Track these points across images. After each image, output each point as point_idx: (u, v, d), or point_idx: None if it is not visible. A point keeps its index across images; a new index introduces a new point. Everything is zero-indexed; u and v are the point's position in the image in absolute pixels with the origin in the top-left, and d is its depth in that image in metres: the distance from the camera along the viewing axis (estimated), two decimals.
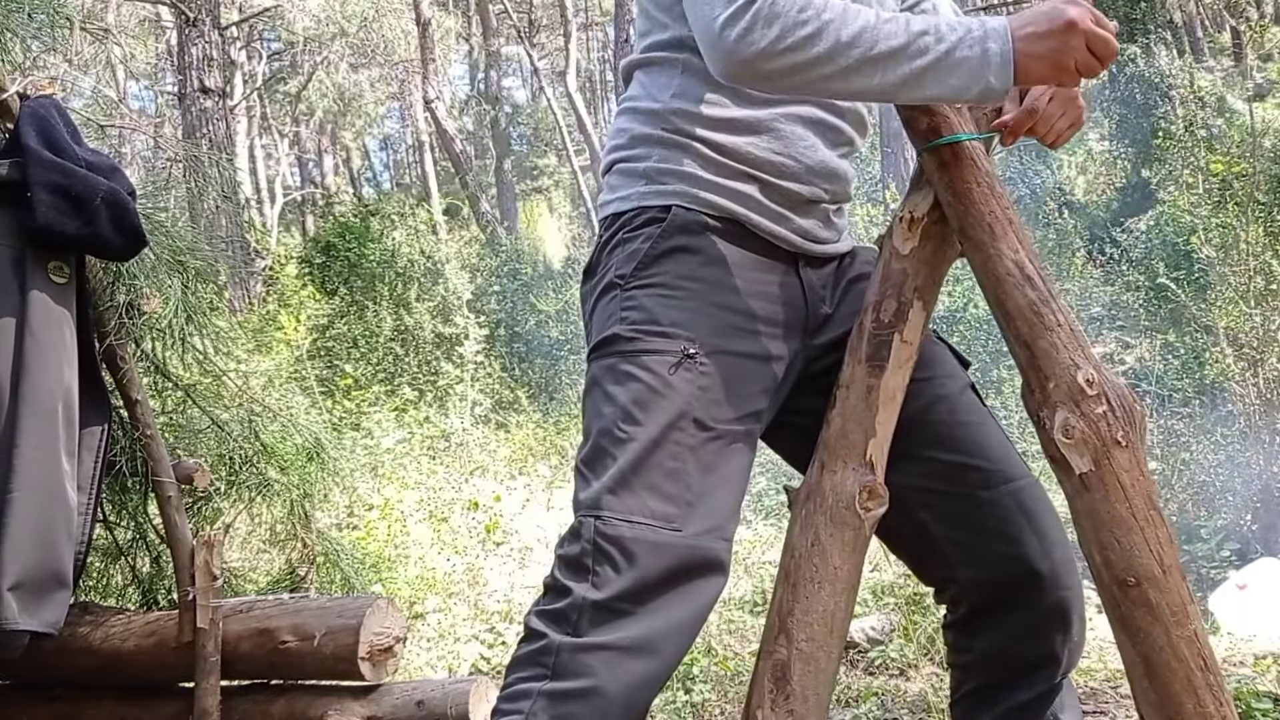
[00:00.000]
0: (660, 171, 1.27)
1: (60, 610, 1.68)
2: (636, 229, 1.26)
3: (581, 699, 1.08)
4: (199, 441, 2.23)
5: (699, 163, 1.26)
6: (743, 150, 1.26)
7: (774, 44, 1.11)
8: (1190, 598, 1.05)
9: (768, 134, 1.27)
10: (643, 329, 1.19)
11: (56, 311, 1.70)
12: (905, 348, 1.24)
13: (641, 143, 1.31)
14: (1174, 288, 5.14)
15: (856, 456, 1.22)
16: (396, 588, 3.42)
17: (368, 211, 9.77)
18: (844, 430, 1.24)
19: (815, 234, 1.31)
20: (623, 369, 1.19)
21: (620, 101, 1.40)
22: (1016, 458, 1.30)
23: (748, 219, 1.26)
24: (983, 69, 1.09)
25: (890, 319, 1.24)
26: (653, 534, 1.12)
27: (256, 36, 18.19)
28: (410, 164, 29.53)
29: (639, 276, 1.22)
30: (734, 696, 2.63)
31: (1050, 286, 1.14)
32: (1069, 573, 1.25)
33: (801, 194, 1.29)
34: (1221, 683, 1.04)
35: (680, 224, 1.24)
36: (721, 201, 1.25)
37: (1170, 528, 1.07)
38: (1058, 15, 1.09)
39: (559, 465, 5.83)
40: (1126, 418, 1.07)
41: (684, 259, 1.23)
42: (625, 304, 1.22)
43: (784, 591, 1.21)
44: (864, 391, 1.23)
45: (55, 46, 2.08)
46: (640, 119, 1.32)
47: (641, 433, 1.15)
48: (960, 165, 1.19)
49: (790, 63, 1.11)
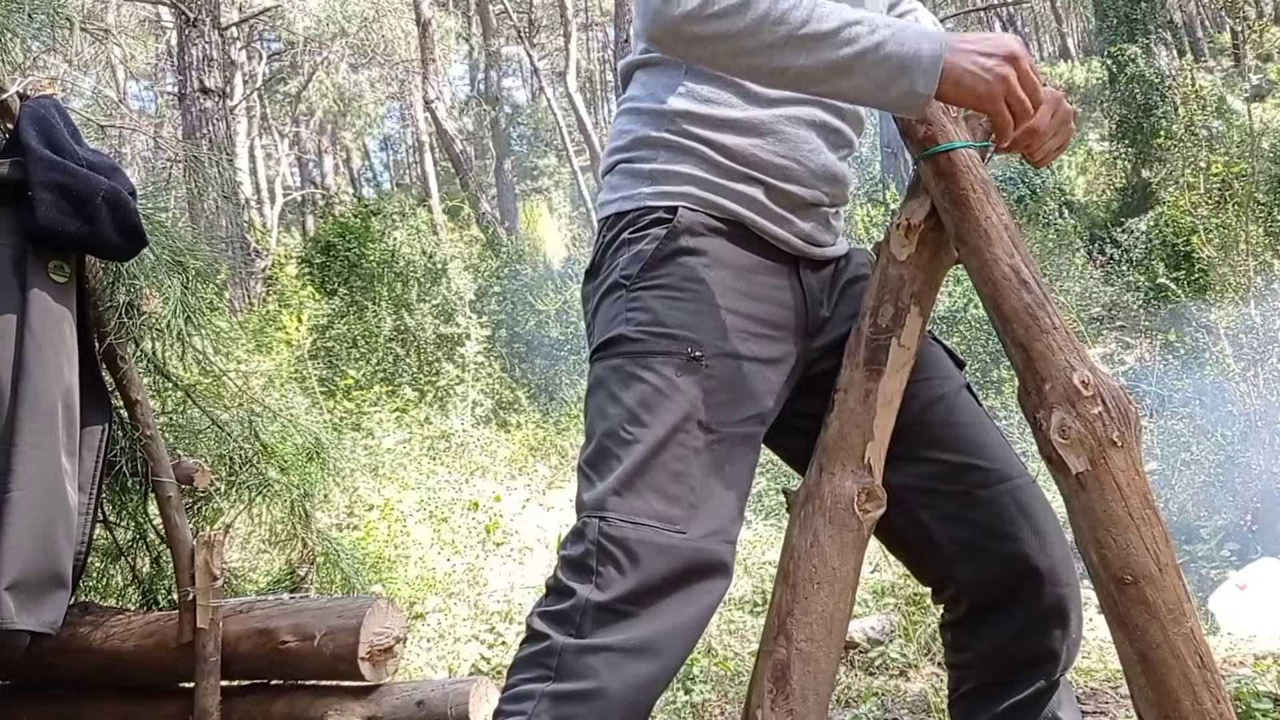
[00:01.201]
0: (665, 173, 1.27)
1: (59, 610, 1.68)
2: (642, 230, 1.26)
3: (584, 700, 1.08)
4: (199, 441, 2.24)
5: (703, 165, 1.26)
6: (747, 153, 1.26)
7: (700, 8, 1.10)
8: (1186, 596, 1.06)
9: (772, 136, 1.27)
10: (649, 331, 1.19)
11: (57, 311, 1.70)
12: (902, 352, 1.25)
13: (645, 144, 1.30)
14: (1174, 288, 5.15)
15: (855, 459, 1.23)
16: (396, 588, 3.42)
17: (368, 212, 9.77)
18: (842, 433, 1.25)
19: (815, 237, 1.32)
20: (629, 370, 1.19)
21: (621, 102, 1.40)
22: (1014, 457, 1.31)
23: (752, 221, 1.26)
24: (910, 68, 1.08)
25: (888, 324, 1.25)
26: (657, 536, 1.12)
27: (256, 36, 18.20)
28: (410, 164, 29.56)
29: (645, 278, 1.22)
30: (734, 696, 2.63)
31: (1045, 290, 1.15)
32: (1067, 570, 1.26)
33: (804, 197, 1.29)
34: (1218, 680, 1.05)
35: (685, 225, 1.24)
36: (726, 203, 1.25)
37: (1166, 526, 1.08)
38: (1001, 43, 1.10)
39: (559, 465, 5.82)
40: (1122, 418, 1.08)
41: (689, 261, 1.23)
42: (631, 305, 1.22)
43: (783, 592, 1.22)
44: (862, 395, 1.24)
45: (55, 46, 2.08)
46: (643, 120, 1.32)
47: (647, 434, 1.15)
48: (956, 172, 1.20)
49: (714, 30, 1.10)
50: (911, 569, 1.40)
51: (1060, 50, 23.95)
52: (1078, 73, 19.51)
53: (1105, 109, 10.37)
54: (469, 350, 6.74)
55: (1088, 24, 19.32)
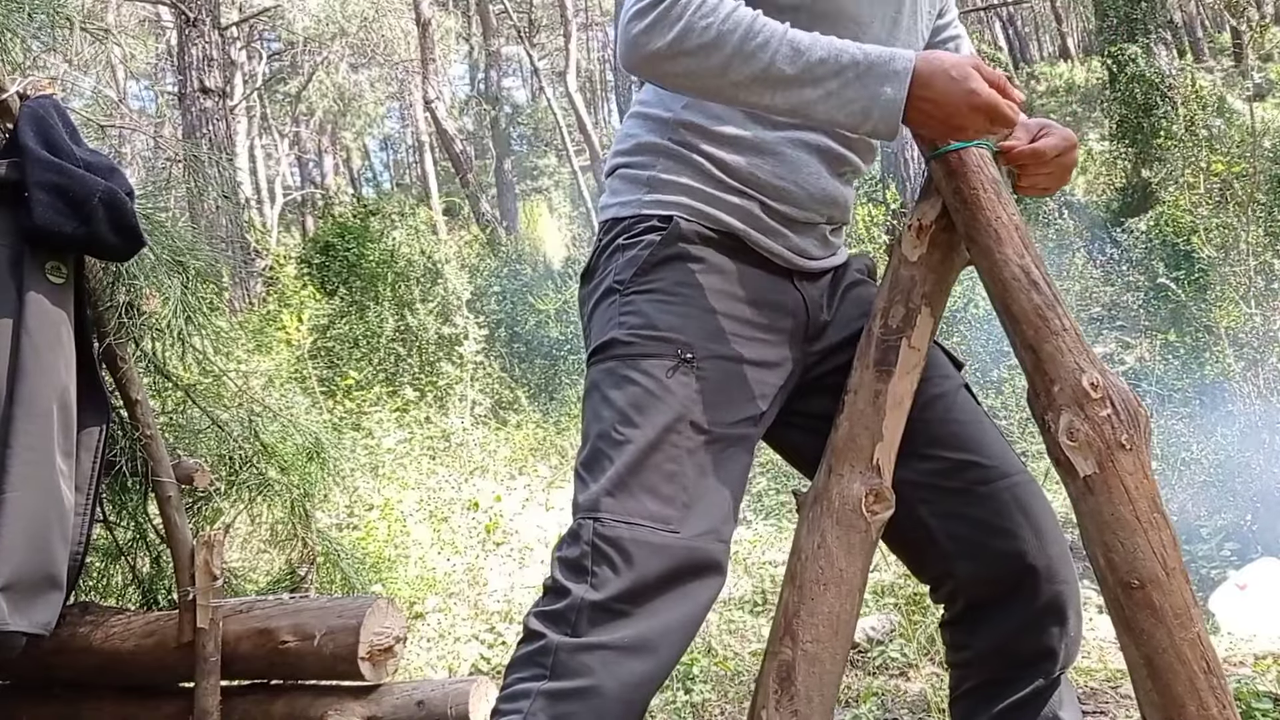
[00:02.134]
0: (663, 182, 1.29)
1: (53, 612, 1.67)
2: (636, 236, 1.27)
3: (580, 698, 1.09)
4: (199, 441, 2.23)
5: (701, 177, 1.28)
6: (745, 170, 1.28)
7: (671, 46, 1.13)
8: (1194, 600, 1.05)
9: (773, 157, 1.28)
10: (640, 334, 1.21)
11: (53, 312, 1.70)
12: (913, 353, 1.24)
13: (647, 150, 1.32)
14: (1174, 288, 5.14)
15: (863, 460, 1.23)
16: (396, 588, 3.42)
17: (367, 211, 9.76)
18: (851, 435, 1.24)
19: (810, 252, 1.33)
20: (621, 373, 1.20)
21: (633, 104, 1.42)
22: (1012, 455, 1.32)
23: (746, 234, 1.27)
24: (869, 110, 1.11)
25: (898, 325, 1.25)
26: (651, 535, 1.13)
27: (256, 36, 18.20)
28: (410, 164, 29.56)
29: (638, 282, 1.24)
30: (734, 696, 2.63)
31: (1055, 291, 1.14)
32: (1065, 567, 1.26)
33: (799, 218, 1.31)
34: (1225, 685, 1.04)
35: (680, 234, 1.25)
36: (721, 216, 1.27)
37: (1174, 531, 1.07)
38: (961, 84, 1.09)
39: (559, 465, 5.82)
40: (1131, 421, 1.08)
41: (682, 266, 1.24)
42: (624, 309, 1.23)
43: (790, 593, 1.22)
44: (871, 396, 1.24)
45: (55, 46, 2.07)
46: (649, 126, 1.33)
47: (639, 435, 1.16)
48: (967, 172, 1.20)
49: (684, 67, 1.14)
50: (910, 566, 1.41)
51: (1060, 50, 23.94)
52: (1078, 73, 19.50)
53: (1105, 109, 10.36)
54: (467, 350, 6.74)
55: (1088, 24, 19.31)
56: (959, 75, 1.09)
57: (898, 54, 1.11)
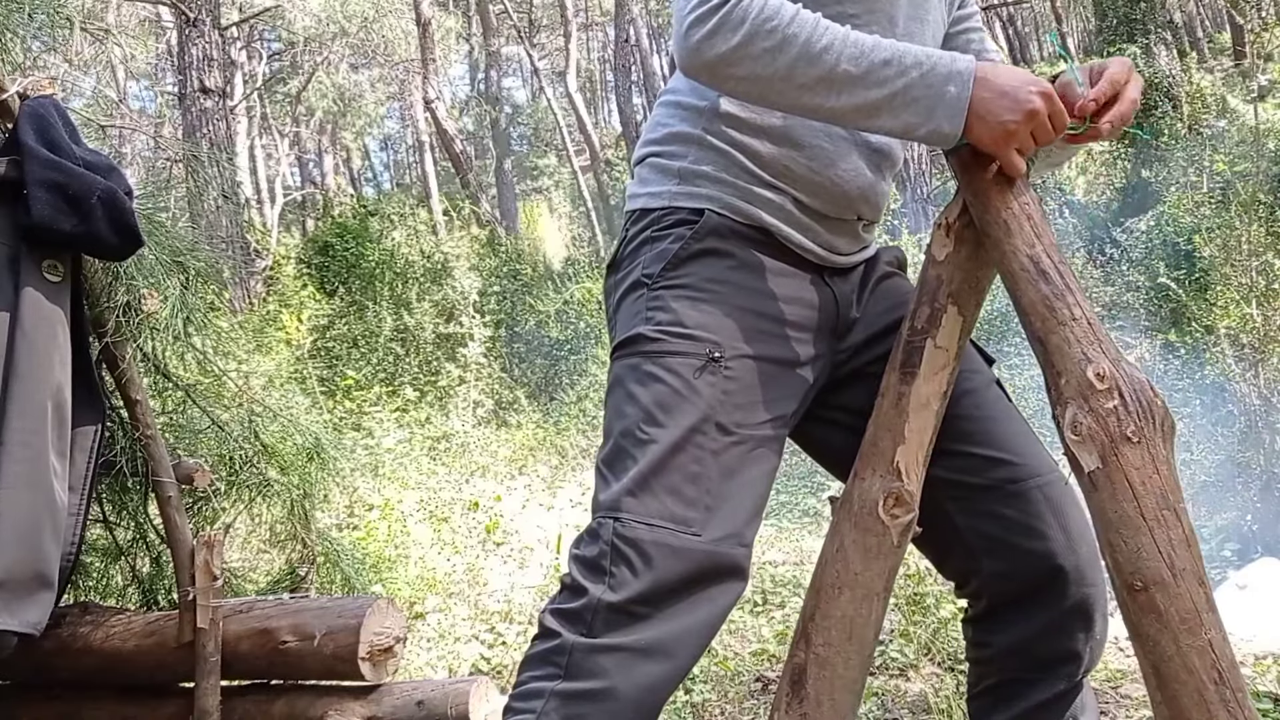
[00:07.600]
0: (695, 173, 1.27)
1: (43, 611, 1.65)
2: (666, 228, 1.25)
3: (593, 700, 1.07)
4: (199, 441, 2.23)
5: (735, 170, 1.26)
6: (780, 163, 1.26)
7: (735, 51, 1.11)
8: (1208, 604, 0.98)
9: (809, 149, 1.26)
10: (668, 330, 1.19)
11: (50, 310, 1.69)
12: (939, 354, 1.21)
13: (679, 140, 1.30)
14: (1174, 288, 5.14)
15: (884, 464, 1.20)
16: (396, 588, 3.42)
17: (366, 212, 9.77)
18: (875, 438, 1.22)
19: (841, 248, 1.31)
20: (646, 370, 1.18)
21: (662, 92, 1.39)
22: (1044, 453, 1.29)
23: (777, 229, 1.25)
24: (933, 109, 1.10)
25: (923, 325, 1.22)
26: (671, 538, 1.11)
27: (256, 36, 18.19)
28: (410, 164, 29.54)
29: (666, 277, 1.22)
30: (734, 696, 2.63)
31: (1069, 280, 1.09)
32: (1093, 569, 1.23)
33: (831, 214, 1.28)
34: (1240, 697, 0.97)
35: (711, 228, 1.23)
36: (753, 210, 1.25)
37: (1189, 529, 1.01)
38: (1024, 99, 1.08)
39: (559, 465, 5.82)
40: (1142, 412, 1.02)
41: (712, 262, 1.22)
42: (652, 304, 1.21)
43: (809, 597, 1.20)
44: (895, 399, 1.21)
45: (55, 46, 2.07)
46: (681, 115, 1.31)
47: (663, 435, 1.14)
48: (979, 164, 1.17)
49: (749, 71, 1.12)
50: (934, 562, 1.38)
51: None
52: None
53: None
54: (471, 350, 6.74)
55: (1088, 24, 19.30)
56: (1018, 80, 1.09)
57: (959, 56, 1.11)
